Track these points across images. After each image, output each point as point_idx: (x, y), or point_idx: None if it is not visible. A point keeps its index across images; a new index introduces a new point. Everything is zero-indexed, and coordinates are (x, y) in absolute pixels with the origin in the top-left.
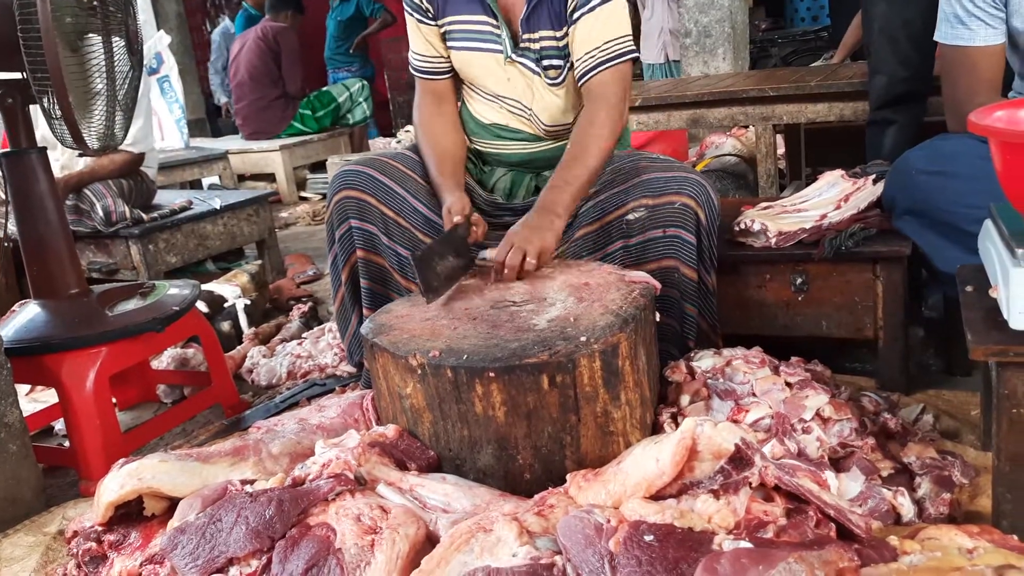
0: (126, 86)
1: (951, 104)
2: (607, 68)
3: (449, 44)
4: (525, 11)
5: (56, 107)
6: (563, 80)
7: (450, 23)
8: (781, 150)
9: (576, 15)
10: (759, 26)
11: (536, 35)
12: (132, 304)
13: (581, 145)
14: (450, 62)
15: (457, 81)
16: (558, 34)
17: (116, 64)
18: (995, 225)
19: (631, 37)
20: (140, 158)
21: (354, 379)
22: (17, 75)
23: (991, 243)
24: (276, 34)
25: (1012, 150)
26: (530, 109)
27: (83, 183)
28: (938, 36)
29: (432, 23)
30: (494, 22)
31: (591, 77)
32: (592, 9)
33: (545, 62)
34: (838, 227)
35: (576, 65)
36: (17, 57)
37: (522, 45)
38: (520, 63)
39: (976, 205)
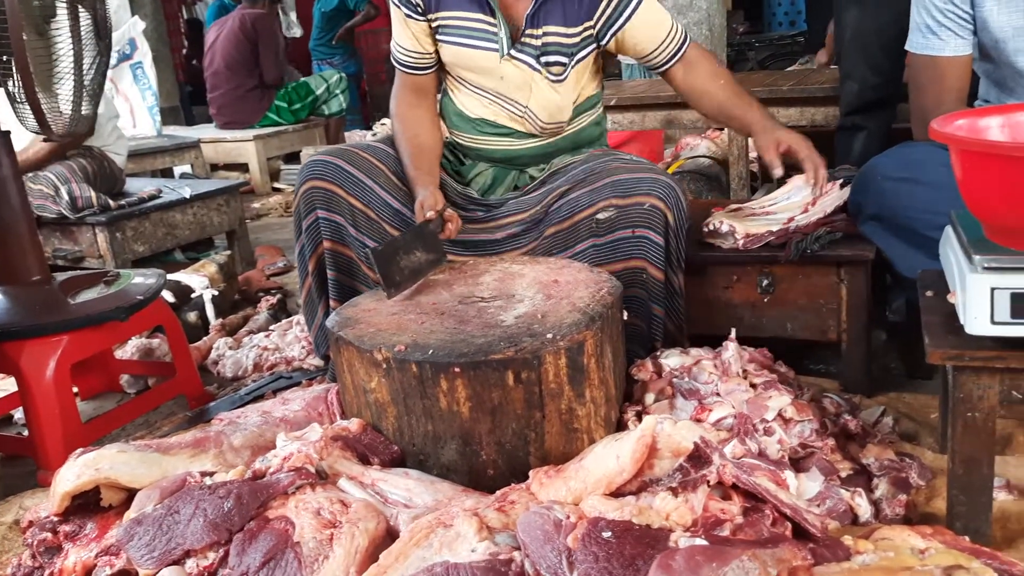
0: (93, 71)
1: (918, 112)
2: (688, 46)
3: (440, 39)
4: (532, 7)
5: (20, 91)
6: (566, 77)
7: (443, 18)
8: (754, 154)
9: (618, 23)
10: (737, 29)
11: (540, 31)
12: (96, 292)
13: (725, 84)
14: (435, 58)
15: (440, 73)
16: (569, 31)
17: (84, 49)
18: (955, 232)
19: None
20: (79, 139)
21: (321, 372)
22: None
23: (951, 250)
24: (254, 21)
25: (971, 158)
26: (526, 107)
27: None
28: (909, 45)
29: (421, 18)
30: (491, 19)
31: (680, 56)
32: (634, 10)
33: (546, 59)
34: (805, 230)
35: (651, 56)
36: None
37: (523, 40)
38: (517, 59)
39: (939, 212)
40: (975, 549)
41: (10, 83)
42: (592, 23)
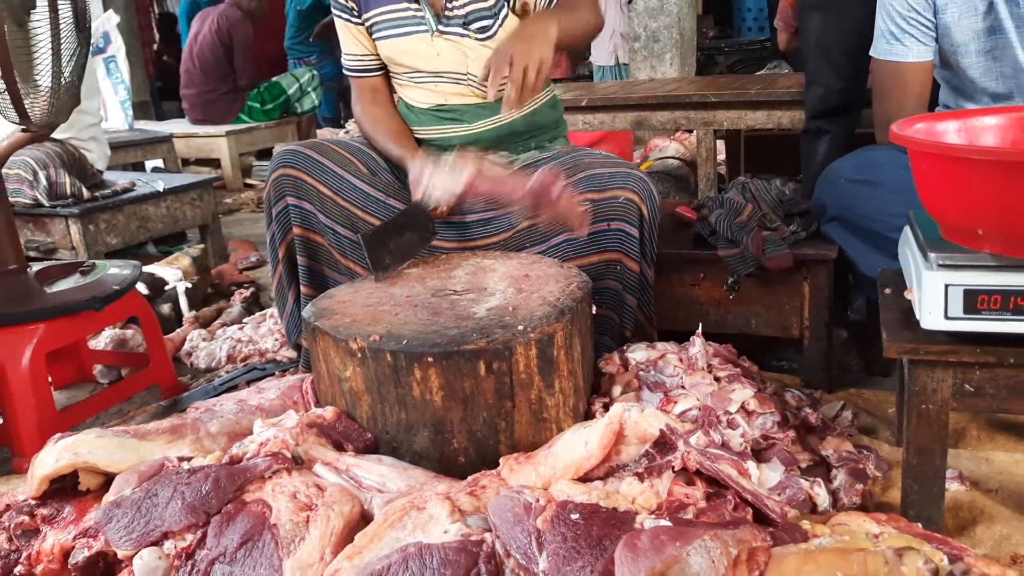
0: (72, 63)
1: (880, 117)
2: None
3: (375, 36)
4: None
5: (0, 81)
6: (494, 33)
7: (374, 16)
8: (722, 155)
9: None
10: (707, 34)
11: (460, 2)
12: (72, 282)
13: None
14: (379, 58)
15: (389, 77)
16: None
17: (63, 41)
18: (912, 231)
19: None
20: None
21: (294, 364)
22: None
23: (908, 248)
24: (231, 27)
25: (927, 160)
26: (467, 74)
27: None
28: (873, 51)
29: (357, 21)
30: (415, 5)
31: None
32: None
33: (473, 25)
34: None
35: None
36: None
37: (446, 15)
38: (447, 33)
39: (898, 213)
40: (927, 535)
41: None
42: None
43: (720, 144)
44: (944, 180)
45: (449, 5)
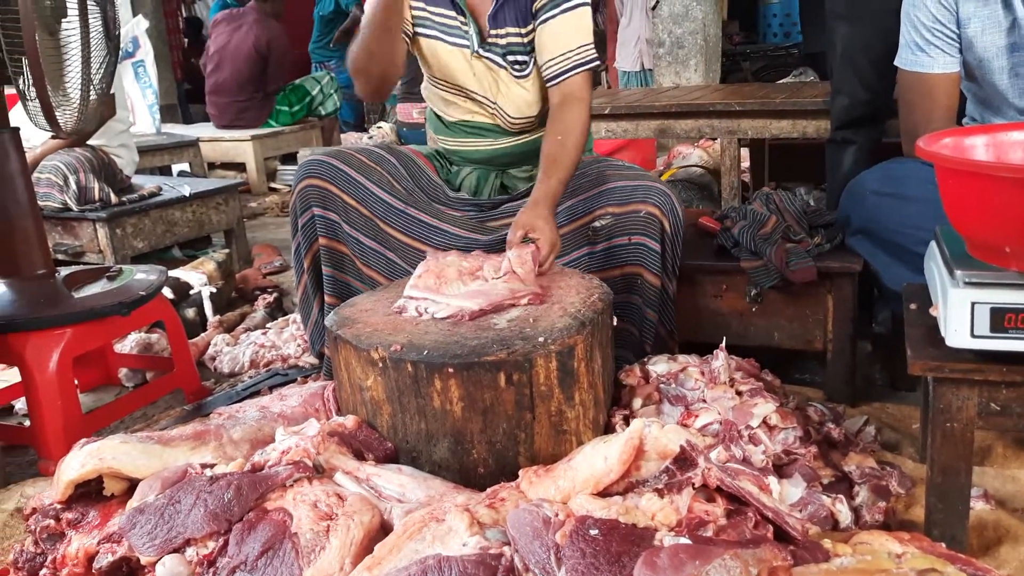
0: (102, 71)
1: (907, 129)
2: (581, 72)
3: (418, 31)
4: (492, 8)
5: (31, 89)
6: (528, 73)
7: (421, 9)
8: (746, 163)
9: (544, 16)
10: (732, 39)
11: (503, 31)
12: (99, 287)
13: (563, 141)
14: (411, 28)
15: (420, 77)
16: (523, 31)
17: (93, 49)
18: (939, 247)
19: (593, 45)
20: (84, 136)
21: (316, 370)
22: None
23: (934, 264)
24: (270, 39)
25: (954, 177)
26: (495, 103)
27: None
28: (898, 62)
29: None
30: (462, 18)
31: (566, 78)
32: (562, 12)
33: (510, 57)
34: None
35: (548, 66)
36: None
37: (489, 40)
38: (487, 58)
39: (924, 227)
40: (951, 555)
41: (21, 80)
42: (535, 20)
43: (744, 152)
44: (971, 197)
45: (494, 31)
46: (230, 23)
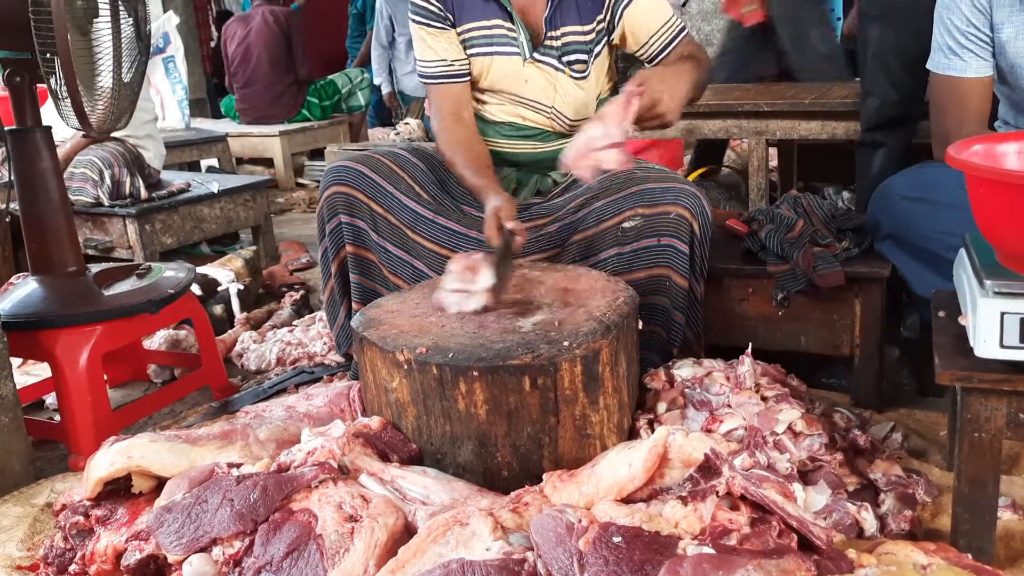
0: (133, 71)
1: (939, 133)
2: (683, 38)
3: (467, 51)
4: (548, 9)
5: (63, 88)
6: (588, 74)
7: (466, 31)
8: (774, 162)
9: (624, 4)
10: None
11: (559, 32)
12: (128, 285)
13: (684, 63)
14: (467, 64)
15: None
16: (585, 28)
17: (124, 49)
18: (968, 256)
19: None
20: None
21: (342, 368)
22: (26, 54)
23: (964, 272)
24: (287, 16)
25: (984, 186)
26: (552, 107)
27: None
28: (931, 65)
29: (451, 29)
30: (510, 25)
31: (674, 48)
32: None
33: (567, 58)
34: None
35: (650, 43)
36: (27, 37)
37: (544, 43)
38: (541, 62)
39: (954, 233)
40: (977, 567)
41: (53, 80)
42: (603, 15)
43: (773, 151)
44: (1001, 206)
45: (550, 33)
46: (241, 22)
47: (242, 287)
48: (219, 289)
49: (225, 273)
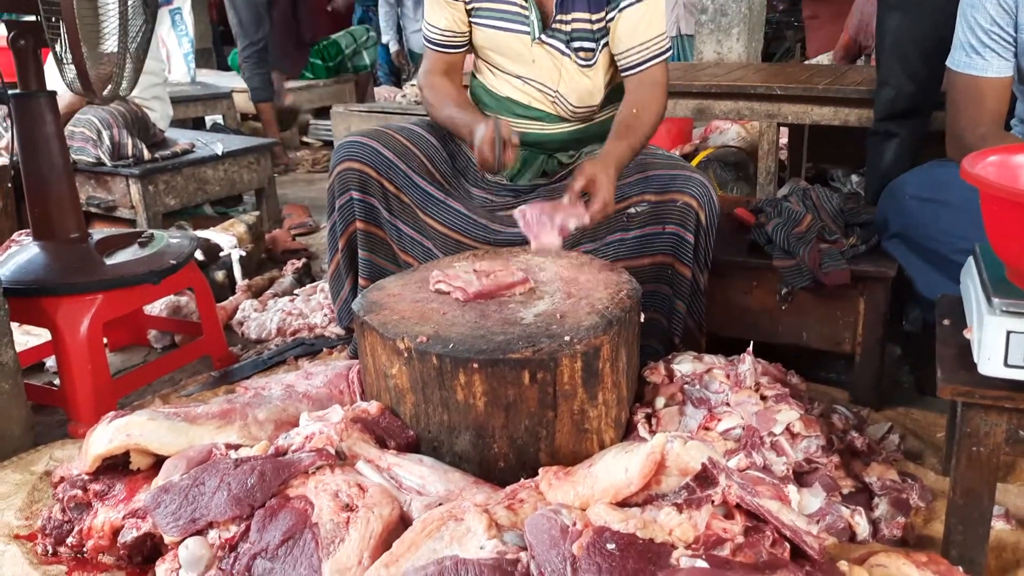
0: (139, 39)
1: (953, 131)
2: (658, 62)
3: (474, 21)
4: None
5: (67, 52)
6: (594, 62)
7: (480, 2)
8: (784, 140)
9: (624, 3)
10: (776, 6)
11: (569, 16)
12: (129, 253)
13: (639, 114)
14: (467, 38)
15: (466, 56)
16: (593, 17)
17: (130, 15)
18: (977, 267)
19: (667, 34)
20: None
21: (342, 341)
22: (31, 17)
23: (972, 283)
24: None
25: (997, 203)
26: (556, 91)
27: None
28: (951, 63)
29: (459, 1)
30: (523, 3)
31: (646, 68)
32: (641, 0)
33: (575, 44)
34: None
35: (626, 55)
36: (32, 0)
37: (553, 26)
38: (549, 44)
39: (963, 235)
40: None
41: (58, 45)
42: (610, 6)
43: (783, 130)
44: (1014, 224)
45: (560, 16)
46: None
47: (244, 253)
48: (221, 255)
49: (228, 238)
